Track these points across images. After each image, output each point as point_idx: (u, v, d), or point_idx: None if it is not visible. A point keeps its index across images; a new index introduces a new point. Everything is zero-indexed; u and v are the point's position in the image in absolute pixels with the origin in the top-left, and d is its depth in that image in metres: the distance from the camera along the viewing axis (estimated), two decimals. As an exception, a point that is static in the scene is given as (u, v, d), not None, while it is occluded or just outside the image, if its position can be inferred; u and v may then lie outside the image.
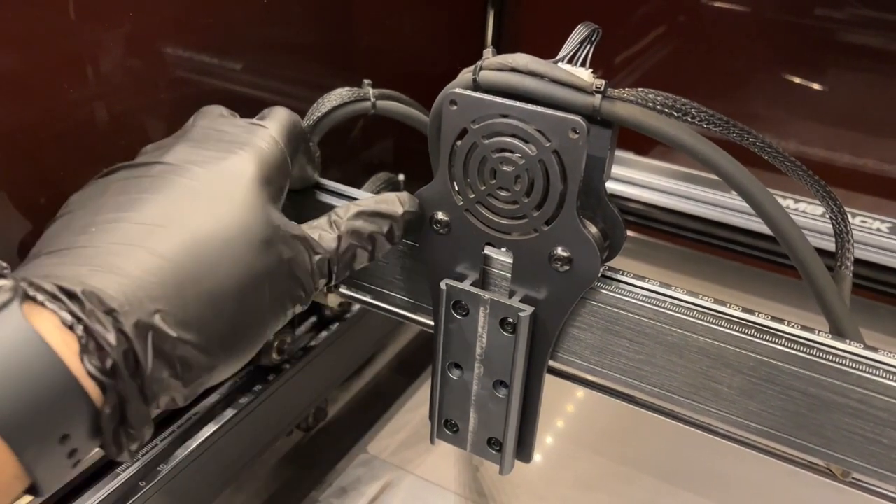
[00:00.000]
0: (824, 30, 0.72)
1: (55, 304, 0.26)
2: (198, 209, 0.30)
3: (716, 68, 0.79)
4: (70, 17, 0.40)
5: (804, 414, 0.33)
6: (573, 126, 0.32)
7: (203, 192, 0.31)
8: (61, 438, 0.25)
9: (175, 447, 0.46)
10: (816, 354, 0.32)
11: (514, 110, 0.34)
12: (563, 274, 0.35)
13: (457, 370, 0.39)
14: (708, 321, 0.34)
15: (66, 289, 0.26)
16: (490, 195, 0.36)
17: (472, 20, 0.84)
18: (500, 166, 0.35)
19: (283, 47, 0.55)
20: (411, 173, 0.54)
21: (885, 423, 0.32)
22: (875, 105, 0.71)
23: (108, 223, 0.29)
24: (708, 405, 0.35)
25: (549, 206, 0.34)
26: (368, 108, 0.43)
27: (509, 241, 0.36)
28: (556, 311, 0.36)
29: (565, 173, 0.33)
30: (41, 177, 0.41)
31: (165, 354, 0.28)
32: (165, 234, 0.29)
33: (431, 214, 0.38)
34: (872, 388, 0.31)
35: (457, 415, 0.40)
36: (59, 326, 0.26)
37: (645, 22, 0.80)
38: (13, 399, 0.24)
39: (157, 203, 0.30)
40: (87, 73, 0.42)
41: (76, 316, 0.26)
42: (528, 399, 0.38)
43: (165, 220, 0.30)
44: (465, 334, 0.38)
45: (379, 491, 0.56)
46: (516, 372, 0.37)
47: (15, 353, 0.24)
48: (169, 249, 0.29)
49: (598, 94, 0.33)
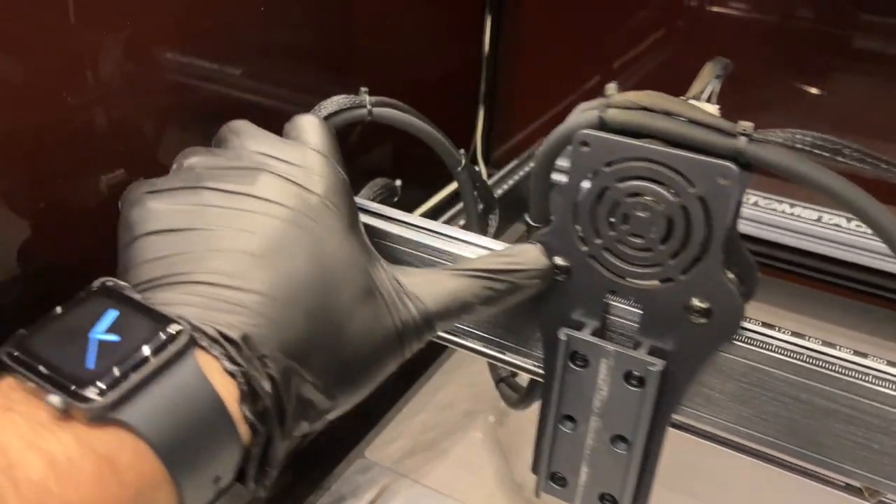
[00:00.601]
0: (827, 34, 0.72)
1: (217, 350, 0.27)
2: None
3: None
4: (70, 22, 0.39)
5: (797, 420, 0.33)
6: (723, 172, 0.30)
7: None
8: (215, 479, 0.27)
9: None
10: (807, 360, 0.32)
11: (656, 154, 0.31)
12: (698, 326, 0.33)
13: (569, 422, 0.37)
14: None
15: (226, 335, 0.27)
16: (619, 241, 0.33)
17: (469, 25, 0.83)
18: (635, 212, 0.32)
19: (280, 52, 0.55)
20: (408, 179, 0.53)
21: (877, 428, 0.32)
22: (875, 110, 0.71)
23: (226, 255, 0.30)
24: (700, 410, 0.35)
25: (688, 255, 0.32)
26: (365, 115, 0.42)
27: (638, 289, 0.34)
28: (687, 365, 0.34)
29: (710, 221, 0.31)
30: (40, 181, 0.40)
31: (302, 399, 0.30)
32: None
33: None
34: (863, 393, 0.31)
35: (566, 468, 0.38)
36: (220, 372, 0.27)
37: (643, 26, 0.80)
38: (187, 445, 0.25)
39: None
40: (86, 78, 0.41)
41: (236, 363, 0.27)
42: (647, 454, 0.36)
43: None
44: (583, 386, 0.36)
45: (376, 496, 0.56)
46: (640, 427, 0.35)
47: (192, 401, 0.26)
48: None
49: (743, 137, 0.31)
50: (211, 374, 0.27)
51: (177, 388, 0.26)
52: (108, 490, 0.24)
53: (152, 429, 0.25)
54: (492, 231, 0.53)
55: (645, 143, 0.32)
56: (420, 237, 0.39)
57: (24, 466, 0.22)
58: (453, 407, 0.66)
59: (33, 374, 0.25)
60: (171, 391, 0.26)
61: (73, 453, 0.23)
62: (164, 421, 0.25)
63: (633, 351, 0.34)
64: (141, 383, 0.25)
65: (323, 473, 0.58)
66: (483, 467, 0.60)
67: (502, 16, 0.87)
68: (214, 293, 0.28)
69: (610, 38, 0.84)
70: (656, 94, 0.33)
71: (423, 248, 0.39)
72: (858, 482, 0.34)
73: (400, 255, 0.39)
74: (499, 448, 0.62)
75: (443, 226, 0.40)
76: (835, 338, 0.34)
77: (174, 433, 0.25)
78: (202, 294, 0.28)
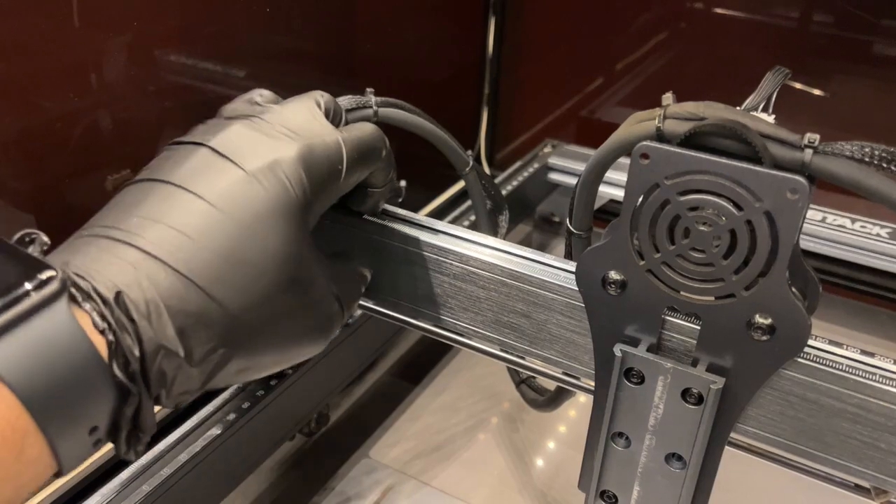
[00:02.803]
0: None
1: (90, 305, 0.27)
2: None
3: (716, 73, 0.78)
4: (75, 26, 0.40)
5: (803, 419, 0.33)
6: (792, 186, 0.30)
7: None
8: (91, 430, 0.27)
9: (178, 451, 0.45)
10: (813, 359, 0.32)
11: (720, 167, 0.30)
12: (760, 343, 0.32)
13: (621, 440, 0.36)
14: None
15: (100, 292, 0.27)
16: (679, 256, 0.32)
17: (473, 28, 0.84)
18: (696, 226, 0.32)
19: (285, 54, 0.55)
20: (413, 179, 0.53)
21: (884, 427, 0.32)
22: (874, 110, 0.72)
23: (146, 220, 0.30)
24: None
25: (752, 270, 0.31)
26: (371, 115, 0.41)
27: (698, 305, 0.33)
28: (747, 383, 0.33)
29: (777, 236, 0.30)
30: (47, 181, 0.41)
31: (172, 372, 0.29)
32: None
33: (603, 274, 0.34)
34: (869, 393, 0.32)
35: (617, 486, 0.37)
36: (91, 327, 0.26)
37: (645, 28, 0.80)
38: (55, 390, 0.25)
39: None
40: (90, 81, 0.41)
41: (107, 321, 0.27)
42: (702, 472, 0.36)
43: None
44: (637, 403, 0.35)
45: (381, 496, 0.56)
46: (697, 446, 0.34)
47: (62, 347, 0.25)
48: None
49: (808, 150, 0.30)
50: (86, 326, 0.26)
51: (45, 333, 0.25)
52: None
53: (15, 371, 0.24)
54: (503, 232, 0.53)
55: (710, 157, 0.31)
56: (427, 237, 0.39)
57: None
58: (457, 408, 0.66)
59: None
60: (39, 336, 0.25)
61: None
62: (29, 364, 0.24)
63: (691, 368, 0.33)
64: (5, 326, 0.24)
65: (327, 473, 0.58)
66: (488, 468, 0.60)
67: (505, 18, 0.87)
68: (109, 247, 0.29)
69: (612, 41, 0.84)
70: (715, 104, 0.32)
71: (430, 248, 0.39)
72: (866, 482, 0.34)
73: (407, 254, 0.40)
74: (503, 449, 0.61)
75: (451, 226, 0.40)
76: (840, 339, 0.33)
77: (41, 377, 0.24)
78: (100, 247, 0.29)
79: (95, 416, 0.27)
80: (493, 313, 0.39)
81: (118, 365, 0.27)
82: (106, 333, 0.27)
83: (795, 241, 0.31)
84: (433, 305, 0.41)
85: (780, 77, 0.33)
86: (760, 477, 0.54)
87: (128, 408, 0.28)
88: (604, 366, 0.35)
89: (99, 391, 0.26)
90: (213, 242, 0.30)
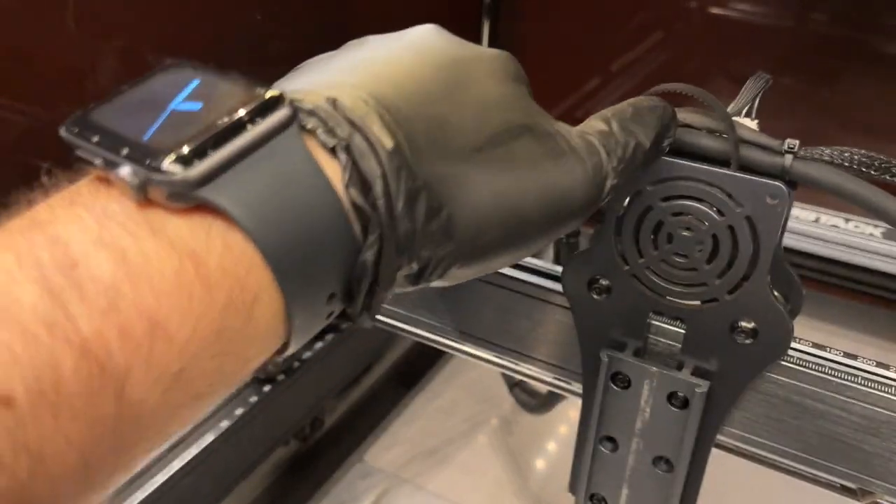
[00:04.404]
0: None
1: (313, 121, 0.21)
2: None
3: (711, 73, 0.78)
4: (71, 31, 0.40)
5: (788, 421, 0.34)
6: (772, 192, 0.30)
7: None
8: (329, 297, 0.21)
9: (172, 457, 0.45)
10: (797, 362, 0.33)
11: (701, 173, 0.31)
12: (744, 346, 0.33)
13: (609, 443, 0.36)
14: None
15: (325, 108, 0.21)
16: (663, 261, 0.33)
17: (466, 30, 0.83)
18: (679, 231, 0.32)
19: (278, 58, 0.55)
20: None
21: (867, 429, 0.32)
22: (874, 109, 0.72)
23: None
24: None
25: (735, 275, 0.32)
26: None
27: (682, 309, 0.33)
28: (732, 386, 0.34)
29: (758, 240, 0.31)
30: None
31: (416, 193, 0.22)
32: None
33: (589, 278, 0.35)
34: (853, 395, 0.32)
35: (605, 490, 0.37)
36: (322, 153, 0.21)
37: (640, 30, 0.80)
38: (296, 242, 0.19)
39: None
40: (84, 87, 0.42)
41: (336, 135, 0.21)
42: (690, 475, 0.36)
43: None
44: (625, 407, 0.35)
45: (375, 500, 0.56)
46: (684, 448, 0.34)
47: (299, 186, 0.20)
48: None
49: (788, 155, 0.31)
50: (318, 156, 0.21)
51: (279, 168, 0.20)
52: (191, 294, 0.18)
53: (251, 215, 0.19)
54: None
55: (690, 163, 0.31)
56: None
57: (89, 265, 0.17)
58: (452, 412, 0.66)
59: (100, 148, 0.19)
60: (273, 170, 0.19)
61: (149, 248, 0.18)
62: (266, 207, 0.19)
63: (677, 372, 0.34)
64: (234, 157, 0.19)
65: (322, 478, 0.58)
66: (482, 471, 0.60)
67: (499, 20, 0.86)
68: (320, 81, 0.24)
69: (605, 44, 0.84)
70: (699, 110, 0.32)
71: None
72: (851, 483, 0.34)
73: None
74: (498, 452, 0.62)
75: None
76: (835, 339, 0.34)
77: (280, 225, 0.19)
78: (311, 83, 0.23)
79: (334, 276, 0.21)
80: (484, 317, 0.40)
81: (356, 191, 0.21)
82: (339, 152, 0.21)
83: (777, 246, 0.32)
84: (426, 312, 0.41)
85: (762, 83, 0.33)
86: (747, 479, 0.54)
87: (367, 253, 0.21)
88: (591, 370, 0.36)
89: (337, 240, 0.21)
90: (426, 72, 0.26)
